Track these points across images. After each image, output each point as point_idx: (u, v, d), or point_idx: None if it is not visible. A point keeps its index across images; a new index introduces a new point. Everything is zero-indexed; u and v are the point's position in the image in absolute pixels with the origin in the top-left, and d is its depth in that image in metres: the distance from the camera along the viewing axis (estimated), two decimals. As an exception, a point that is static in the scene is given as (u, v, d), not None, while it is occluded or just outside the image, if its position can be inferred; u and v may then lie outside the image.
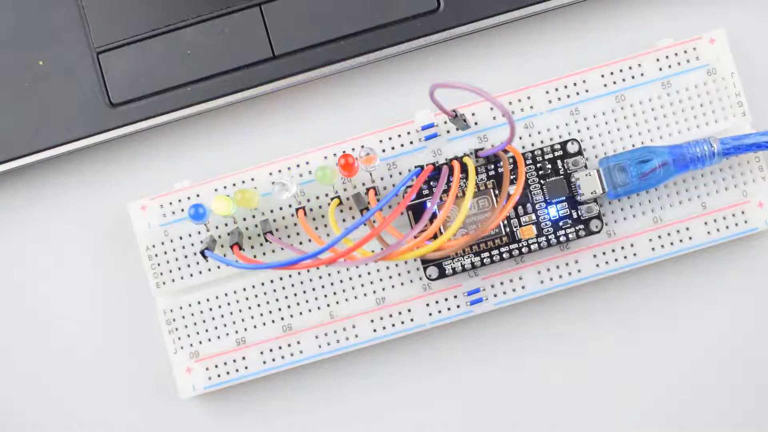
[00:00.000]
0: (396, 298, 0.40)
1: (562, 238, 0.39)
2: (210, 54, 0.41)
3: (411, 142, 0.40)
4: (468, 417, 0.41)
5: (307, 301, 0.41)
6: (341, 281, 0.41)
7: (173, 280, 0.41)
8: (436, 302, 0.40)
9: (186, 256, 0.41)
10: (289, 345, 0.41)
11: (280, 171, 0.41)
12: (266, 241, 0.40)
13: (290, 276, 0.41)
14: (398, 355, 0.42)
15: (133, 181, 0.42)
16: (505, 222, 0.40)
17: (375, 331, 0.40)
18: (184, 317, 0.41)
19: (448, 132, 0.40)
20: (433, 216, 0.39)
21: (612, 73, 0.40)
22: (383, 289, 0.40)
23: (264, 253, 0.41)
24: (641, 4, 0.42)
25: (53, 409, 0.42)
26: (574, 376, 0.41)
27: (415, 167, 0.40)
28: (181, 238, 0.41)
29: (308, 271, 0.41)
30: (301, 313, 0.41)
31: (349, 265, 0.38)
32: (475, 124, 0.40)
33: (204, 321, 0.41)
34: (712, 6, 0.42)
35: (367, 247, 0.40)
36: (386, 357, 0.42)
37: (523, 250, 0.40)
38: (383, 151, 0.40)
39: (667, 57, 0.40)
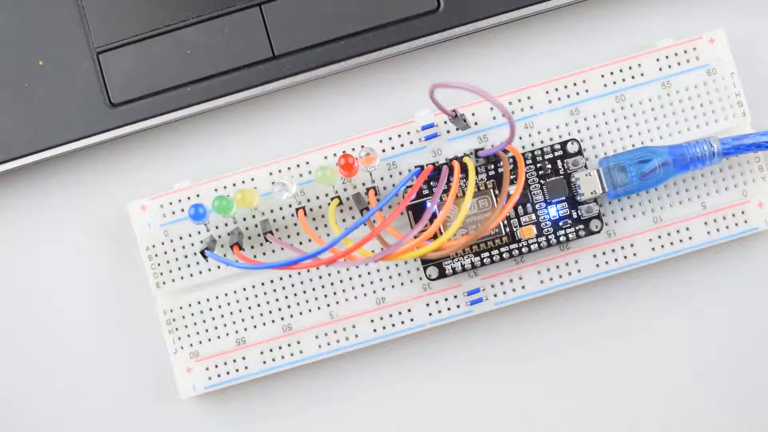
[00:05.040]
0: (396, 298, 0.40)
1: (562, 238, 0.39)
2: (210, 54, 0.41)
3: (411, 142, 0.40)
4: (468, 417, 0.41)
5: (307, 301, 0.41)
6: (341, 281, 0.41)
7: (173, 280, 0.41)
8: (436, 302, 0.40)
9: (186, 256, 0.41)
10: (289, 345, 0.41)
11: (280, 171, 0.41)
12: (266, 241, 0.40)
13: (290, 276, 0.41)
14: (398, 355, 0.42)
15: (133, 181, 0.42)
16: (505, 222, 0.40)
17: (375, 331, 0.40)
18: (184, 317, 0.41)
19: (448, 132, 0.40)
20: (433, 216, 0.39)
21: (612, 73, 0.40)
22: (383, 289, 0.40)
23: (264, 253, 0.41)
24: (641, 4, 0.42)
25: (53, 409, 0.42)
26: (574, 375, 0.41)
27: (415, 167, 0.40)
28: (181, 238, 0.41)
29: (308, 271, 0.41)
30: (301, 313, 0.41)
31: (349, 265, 0.38)
32: (475, 124, 0.40)
33: (204, 321, 0.41)
34: (712, 6, 0.42)
35: (367, 247, 0.40)
36: (386, 357, 0.42)
37: (523, 250, 0.40)
38: (383, 151, 0.40)
39: (667, 57, 0.40)
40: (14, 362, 0.42)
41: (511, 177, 0.39)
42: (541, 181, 0.40)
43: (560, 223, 0.40)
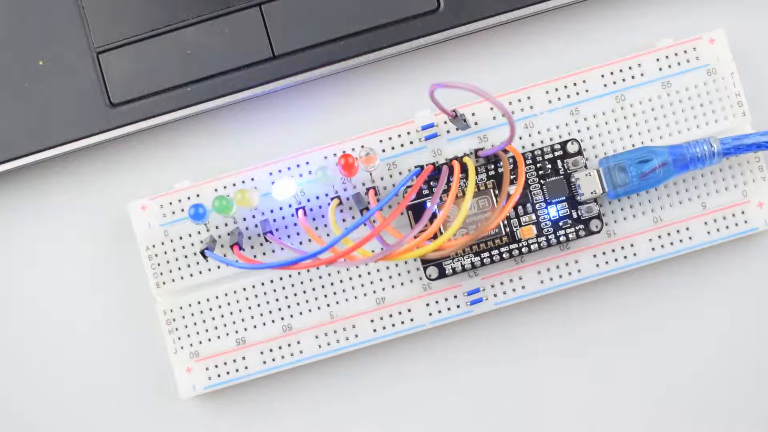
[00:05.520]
0: (396, 298, 0.40)
1: (562, 238, 0.39)
2: (210, 54, 0.41)
3: (411, 142, 0.40)
4: (468, 417, 0.41)
5: (307, 301, 0.41)
6: (341, 281, 0.41)
7: (173, 280, 0.41)
8: (436, 302, 0.40)
9: (186, 256, 0.41)
10: (289, 345, 0.41)
11: (280, 171, 0.41)
12: (266, 241, 0.41)
13: (290, 276, 0.41)
14: (398, 355, 0.42)
15: (133, 181, 0.42)
16: (505, 222, 0.40)
17: (375, 331, 0.40)
18: (184, 317, 0.41)
19: (448, 132, 0.41)
20: (433, 216, 0.39)
21: (612, 73, 0.40)
22: (383, 289, 0.40)
23: (264, 253, 0.41)
24: (641, 4, 0.42)
25: (53, 409, 0.42)
26: (574, 376, 0.41)
27: (415, 167, 0.40)
28: (181, 238, 0.41)
29: (308, 271, 0.41)
30: (301, 313, 0.41)
31: (349, 265, 0.38)
32: (475, 124, 0.40)
33: (204, 321, 0.41)
34: (712, 6, 0.42)
35: (367, 247, 0.40)
36: (386, 357, 0.42)
37: (523, 250, 0.40)
38: (383, 151, 0.40)
39: (667, 57, 0.40)
40: (14, 362, 0.42)
41: (511, 177, 0.39)
42: (541, 181, 0.40)
43: (560, 223, 0.40)
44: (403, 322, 0.40)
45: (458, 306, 0.40)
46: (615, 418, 0.41)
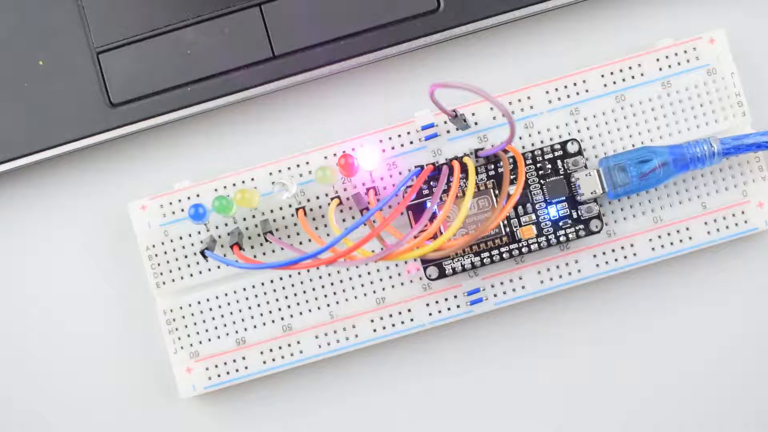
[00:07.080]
0: (396, 298, 0.40)
1: (562, 238, 0.39)
2: (210, 54, 0.41)
3: (411, 142, 0.40)
4: (468, 417, 0.41)
5: (307, 301, 0.41)
6: (341, 281, 0.41)
7: (173, 280, 0.41)
8: (436, 302, 0.40)
9: (186, 256, 0.41)
10: (289, 345, 0.41)
11: (280, 171, 0.41)
12: (266, 241, 0.41)
13: (290, 276, 0.41)
14: (398, 355, 0.42)
15: (133, 181, 0.42)
16: (505, 222, 0.40)
17: (375, 331, 0.40)
18: (184, 317, 0.41)
19: (448, 132, 0.41)
20: (433, 216, 0.39)
21: (612, 73, 0.40)
22: (383, 289, 0.40)
23: (264, 253, 0.41)
24: (641, 4, 0.42)
25: (53, 409, 0.42)
26: (574, 375, 0.41)
27: (415, 167, 0.40)
28: (181, 238, 0.41)
29: (308, 271, 0.41)
30: (301, 313, 0.41)
31: (349, 265, 0.38)
32: (475, 124, 0.40)
33: (204, 321, 0.41)
34: (712, 6, 0.42)
35: (367, 247, 0.40)
36: (386, 357, 0.42)
37: (523, 250, 0.40)
38: (383, 151, 0.40)
39: (667, 57, 0.40)
40: (14, 362, 0.42)
41: (511, 177, 0.39)
42: (541, 181, 0.40)
43: (560, 223, 0.40)
44: (403, 322, 0.40)
45: (458, 306, 0.40)
46: (614, 416, 0.41)
